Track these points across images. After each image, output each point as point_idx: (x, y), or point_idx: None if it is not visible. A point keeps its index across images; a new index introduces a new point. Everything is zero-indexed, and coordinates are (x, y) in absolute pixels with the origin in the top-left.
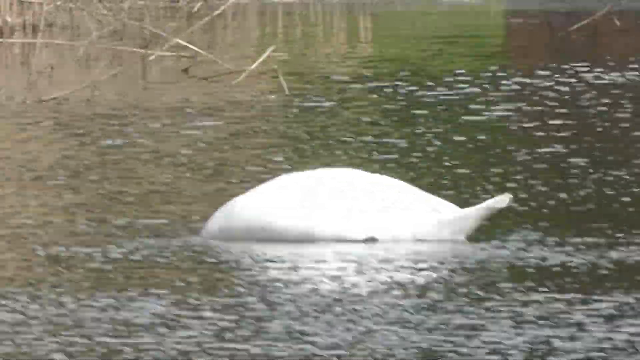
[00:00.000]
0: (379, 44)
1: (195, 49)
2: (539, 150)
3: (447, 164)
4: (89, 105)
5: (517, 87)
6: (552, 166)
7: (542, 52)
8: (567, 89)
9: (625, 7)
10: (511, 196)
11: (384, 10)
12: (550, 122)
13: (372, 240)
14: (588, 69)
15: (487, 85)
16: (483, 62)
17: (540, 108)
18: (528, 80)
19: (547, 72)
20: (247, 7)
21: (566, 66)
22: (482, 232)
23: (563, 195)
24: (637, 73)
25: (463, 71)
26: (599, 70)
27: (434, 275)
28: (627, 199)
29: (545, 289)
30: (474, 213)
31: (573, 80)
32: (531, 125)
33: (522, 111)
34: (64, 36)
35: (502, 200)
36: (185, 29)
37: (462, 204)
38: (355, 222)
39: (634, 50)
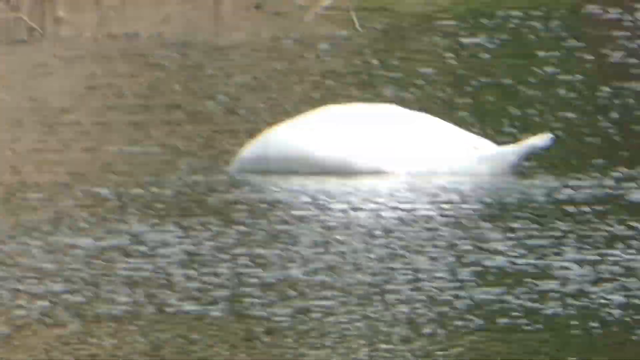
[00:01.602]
0: None
1: None
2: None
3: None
4: (160, 40)
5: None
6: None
7: None
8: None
9: None
10: (552, 136)
11: None
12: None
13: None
14: None
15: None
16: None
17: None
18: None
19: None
20: None
21: None
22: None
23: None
24: None
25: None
26: None
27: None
28: None
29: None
30: (515, 151)
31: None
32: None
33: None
34: None
35: (543, 139)
36: None
37: (501, 143)
38: (393, 156)
39: None
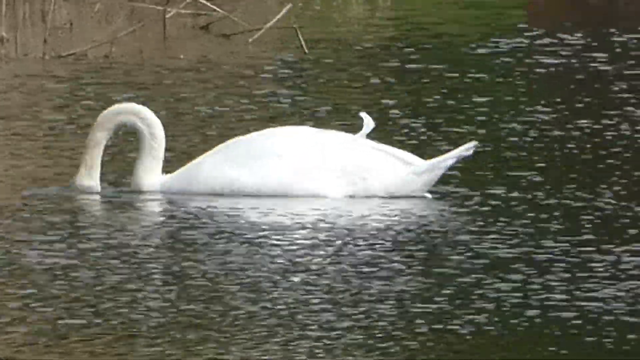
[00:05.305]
0: (398, 7)
1: (214, 7)
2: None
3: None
4: (106, 62)
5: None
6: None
7: (563, 12)
8: (570, 51)
9: None
10: (477, 143)
11: None
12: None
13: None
14: (605, 31)
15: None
16: (501, 28)
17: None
18: (540, 41)
19: (566, 34)
20: None
21: (586, 28)
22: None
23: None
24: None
25: (480, 37)
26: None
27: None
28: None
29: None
30: (444, 162)
31: (586, 42)
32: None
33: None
34: None
35: (468, 147)
36: None
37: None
38: (330, 178)
39: None
